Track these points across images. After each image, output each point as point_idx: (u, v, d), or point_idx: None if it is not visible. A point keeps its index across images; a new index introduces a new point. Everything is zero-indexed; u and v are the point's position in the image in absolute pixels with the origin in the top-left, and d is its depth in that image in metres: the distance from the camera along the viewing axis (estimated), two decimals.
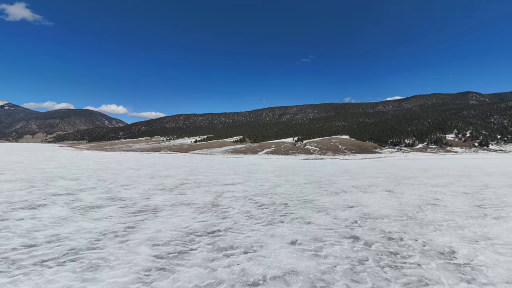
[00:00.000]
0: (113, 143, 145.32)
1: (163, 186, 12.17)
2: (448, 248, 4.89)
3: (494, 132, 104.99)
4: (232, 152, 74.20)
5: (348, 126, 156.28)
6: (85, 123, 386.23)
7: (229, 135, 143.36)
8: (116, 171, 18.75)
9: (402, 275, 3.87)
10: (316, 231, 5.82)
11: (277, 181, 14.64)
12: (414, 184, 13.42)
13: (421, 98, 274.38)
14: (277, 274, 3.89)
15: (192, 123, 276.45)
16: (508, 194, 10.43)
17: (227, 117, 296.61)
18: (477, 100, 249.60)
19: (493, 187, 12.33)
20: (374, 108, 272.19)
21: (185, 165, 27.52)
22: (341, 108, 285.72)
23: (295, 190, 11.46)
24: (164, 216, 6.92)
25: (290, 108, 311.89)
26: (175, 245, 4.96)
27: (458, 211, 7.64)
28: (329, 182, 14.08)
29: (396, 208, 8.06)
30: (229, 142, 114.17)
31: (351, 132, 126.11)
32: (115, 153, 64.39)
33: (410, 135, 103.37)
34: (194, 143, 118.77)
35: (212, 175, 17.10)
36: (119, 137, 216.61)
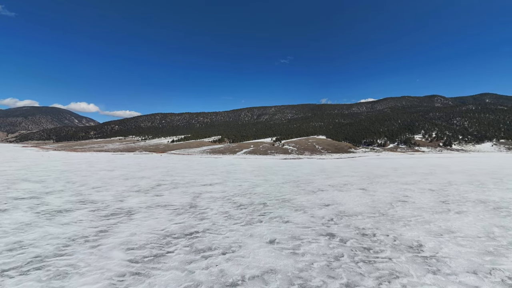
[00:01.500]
0: (83, 143, 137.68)
1: (138, 187, 11.74)
2: (416, 242, 5.19)
3: (457, 133, 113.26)
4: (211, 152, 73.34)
5: (325, 127, 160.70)
6: (52, 121, 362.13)
7: (207, 135, 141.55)
8: (86, 172, 17.78)
9: (375, 269, 4.05)
10: (294, 230, 5.92)
11: (256, 181, 14.69)
12: (386, 182, 14.09)
13: (392, 101, 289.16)
14: (256, 273, 3.91)
15: (169, 122, 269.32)
16: (468, 190, 11.28)
17: (205, 116, 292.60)
18: (442, 103, 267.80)
19: (455, 184, 13.28)
20: (349, 109, 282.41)
21: (162, 165, 26.75)
22: (318, 109, 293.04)
23: (273, 189, 11.57)
24: (139, 219, 6.68)
25: (268, 108, 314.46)
26: (151, 249, 4.80)
27: (425, 207, 8.13)
28: (307, 181, 14.38)
29: (369, 205, 8.41)
30: (207, 142, 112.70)
31: (327, 133, 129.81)
32: (86, 154, 61.06)
33: (382, 135, 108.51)
34: (171, 143, 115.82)
35: (190, 176, 16.78)
36: (90, 136, 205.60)
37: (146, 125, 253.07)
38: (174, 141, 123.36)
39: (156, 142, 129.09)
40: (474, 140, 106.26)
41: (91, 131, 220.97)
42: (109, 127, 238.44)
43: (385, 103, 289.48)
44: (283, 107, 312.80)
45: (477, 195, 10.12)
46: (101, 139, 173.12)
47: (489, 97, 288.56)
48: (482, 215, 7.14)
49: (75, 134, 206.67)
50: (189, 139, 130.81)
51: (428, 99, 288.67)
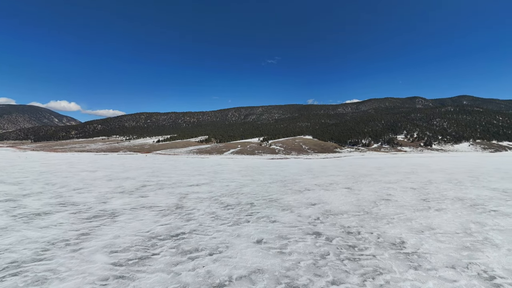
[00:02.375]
0: (64, 143, 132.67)
1: (122, 188, 11.44)
2: (398, 239, 5.35)
3: (436, 133, 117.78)
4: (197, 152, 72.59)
5: (311, 127, 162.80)
6: (29, 120, 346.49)
7: (194, 135, 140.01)
8: (67, 173, 17.14)
9: (360, 267, 4.14)
10: (281, 229, 5.96)
11: (243, 181, 14.68)
12: (370, 181, 14.45)
13: (376, 102, 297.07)
14: (243, 273, 3.90)
15: (154, 122, 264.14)
16: (447, 188, 11.75)
17: (192, 116, 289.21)
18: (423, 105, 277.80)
19: (435, 182, 13.80)
20: (335, 110, 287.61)
21: (147, 166, 26.21)
22: (304, 109, 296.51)
23: (260, 189, 11.59)
24: (123, 221, 6.51)
25: (256, 108, 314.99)
26: (135, 251, 4.69)
27: (407, 205, 8.40)
28: (293, 181, 14.51)
29: (354, 204, 8.60)
30: (194, 142, 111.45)
31: (314, 133, 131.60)
32: (67, 154, 58.88)
33: (367, 135, 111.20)
34: (156, 143, 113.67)
35: (176, 176, 16.54)
36: (71, 136, 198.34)
37: (131, 125, 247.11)
38: (159, 141, 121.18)
39: (141, 142, 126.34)
40: (452, 140, 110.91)
41: (72, 131, 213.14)
42: (91, 126, 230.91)
43: (369, 104, 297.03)
44: (270, 107, 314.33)
45: (455, 193, 10.56)
46: (83, 139, 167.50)
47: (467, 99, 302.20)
48: (460, 212, 7.46)
49: (55, 134, 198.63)
50: (175, 139, 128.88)
51: (410, 100, 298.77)
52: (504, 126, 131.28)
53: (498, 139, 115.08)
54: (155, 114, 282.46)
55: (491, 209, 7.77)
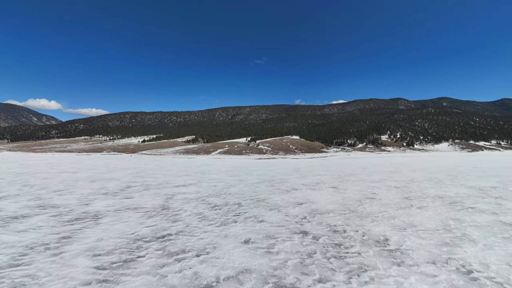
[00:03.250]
0: (43, 143, 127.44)
1: (106, 190, 11.12)
2: (382, 236, 5.49)
3: (418, 134, 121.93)
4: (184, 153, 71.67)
5: (298, 127, 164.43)
6: (6, 119, 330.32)
7: (180, 135, 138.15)
8: (47, 174, 16.47)
9: (346, 264, 4.22)
10: (269, 229, 5.98)
11: (231, 181, 14.62)
12: (355, 180, 14.76)
13: (361, 103, 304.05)
14: (231, 274, 3.89)
15: (139, 121, 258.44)
16: (428, 187, 12.19)
17: (178, 116, 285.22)
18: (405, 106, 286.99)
19: (417, 181, 14.28)
20: (321, 111, 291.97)
21: (132, 166, 25.61)
22: (292, 109, 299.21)
23: (248, 189, 11.59)
24: (107, 223, 6.33)
25: (243, 108, 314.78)
26: (119, 254, 4.57)
27: (391, 203, 8.65)
28: (281, 181, 14.60)
29: (340, 203, 8.76)
30: (180, 142, 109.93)
31: (301, 133, 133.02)
32: (46, 154, 56.60)
33: (352, 136, 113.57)
34: (141, 143, 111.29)
35: (162, 177, 16.25)
36: (52, 136, 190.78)
37: (115, 124, 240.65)
38: (145, 141, 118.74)
39: (125, 142, 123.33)
40: (433, 140, 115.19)
41: (52, 130, 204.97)
42: (73, 126, 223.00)
43: (355, 104, 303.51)
44: (258, 107, 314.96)
45: (435, 191, 10.96)
46: (64, 139, 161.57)
47: (446, 101, 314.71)
48: (440, 210, 7.75)
49: (33, 134, 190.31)
50: (161, 139, 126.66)
51: (393, 101, 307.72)
52: (481, 127, 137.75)
53: (475, 139, 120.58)
54: (141, 113, 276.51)
55: (469, 206, 8.12)
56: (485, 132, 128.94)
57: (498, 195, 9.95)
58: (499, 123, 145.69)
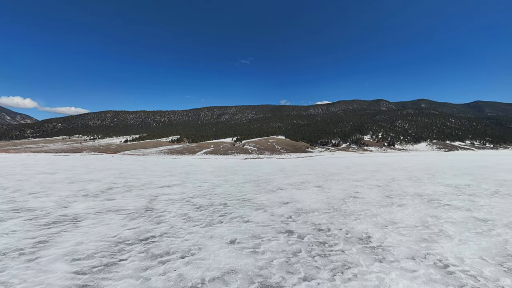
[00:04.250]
0: (17, 143, 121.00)
1: (86, 191, 10.72)
2: (365, 234, 5.64)
3: (399, 134, 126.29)
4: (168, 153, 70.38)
5: (284, 127, 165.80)
6: None
7: (165, 135, 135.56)
8: (22, 176, 15.66)
9: (330, 262, 4.30)
10: (254, 229, 5.99)
11: (216, 181, 14.52)
12: (339, 179, 15.07)
13: (345, 103, 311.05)
14: (216, 275, 3.86)
15: (121, 121, 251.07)
16: (408, 185, 12.64)
17: (162, 115, 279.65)
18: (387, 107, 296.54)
19: (398, 180, 14.78)
20: (306, 111, 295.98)
21: (114, 167, 24.84)
22: (277, 109, 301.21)
23: (234, 189, 11.55)
24: (87, 226, 6.10)
25: (229, 108, 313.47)
26: (100, 257, 4.42)
27: (373, 202, 8.90)
28: (266, 181, 14.66)
29: (325, 202, 8.91)
30: (165, 142, 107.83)
31: (286, 133, 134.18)
32: (21, 155, 53.80)
33: (336, 136, 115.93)
34: (124, 143, 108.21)
35: (146, 178, 15.88)
36: (27, 136, 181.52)
37: (96, 124, 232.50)
38: (127, 141, 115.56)
39: (107, 142, 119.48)
40: (412, 140, 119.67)
41: (27, 130, 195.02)
42: (50, 125, 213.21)
43: (339, 105, 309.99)
44: (243, 107, 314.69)
45: (414, 189, 11.39)
46: (41, 139, 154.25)
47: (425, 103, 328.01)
48: (419, 207, 8.06)
49: (6, 133, 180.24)
50: (144, 139, 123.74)
51: (375, 103, 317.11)
52: (456, 128, 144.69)
53: (451, 140, 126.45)
54: (123, 112, 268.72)
55: (445, 204, 8.50)
56: (460, 132, 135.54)
57: (472, 192, 10.48)
58: (472, 124, 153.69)
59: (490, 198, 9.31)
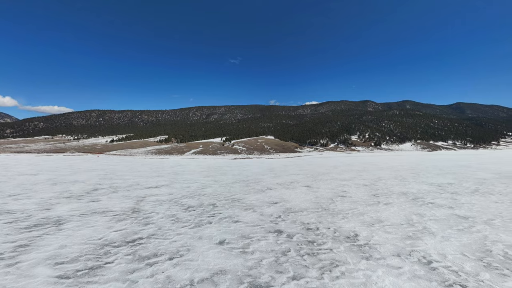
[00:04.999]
0: None
1: (70, 193, 10.39)
2: (352, 232, 5.74)
3: (385, 134, 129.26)
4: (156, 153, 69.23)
5: (273, 127, 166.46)
6: None
7: (152, 135, 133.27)
8: (1, 177, 15.01)
9: (318, 261, 4.35)
10: (244, 229, 5.98)
11: (205, 181, 14.40)
12: (327, 179, 15.27)
13: (333, 104, 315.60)
14: (205, 276, 3.83)
15: (107, 120, 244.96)
16: (394, 184, 12.96)
17: (150, 115, 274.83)
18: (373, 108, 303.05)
19: (384, 179, 15.13)
20: (295, 111, 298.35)
21: (99, 168, 24.21)
22: (266, 110, 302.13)
23: (223, 190, 11.50)
24: (71, 228, 5.92)
25: (218, 108, 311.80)
26: (85, 261, 4.29)
27: (360, 201, 9.07)
28: (256, 181, 14.68)
29: (313, 201, 9.01)
30: (152, 142, 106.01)
31: (275, 133, 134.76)
32: (0, 156, 51.56)
33: (324, 136, 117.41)
34: (110, 143, 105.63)
35: (133, 178, 15.56)
36: (6, 135, 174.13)
37: (80, 123, 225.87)
38: (114, 141, 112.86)
39: (92, 142, 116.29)
40: (398, 140, 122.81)
41: (7, 129, 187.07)
42: (31, 124, 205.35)
43: (327, 106, 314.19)
44: (233, 107, 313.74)
45: (400, 188, 11.69)
46: (21, 139, 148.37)
47: (410, 104, 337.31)
48: (404, 205, 8.28)
49: None
50: (131, 139, 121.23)
51: (362, 103, 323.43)
52: (439, 128, 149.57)
53: (434, 140, 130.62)
54: (109, 111, 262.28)
55: (429, 202, 8.77)
56: (442, 133, 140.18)
57: (454, 190, 10.86)
58: (454, 125, 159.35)
59: (470, 196, 9.68)
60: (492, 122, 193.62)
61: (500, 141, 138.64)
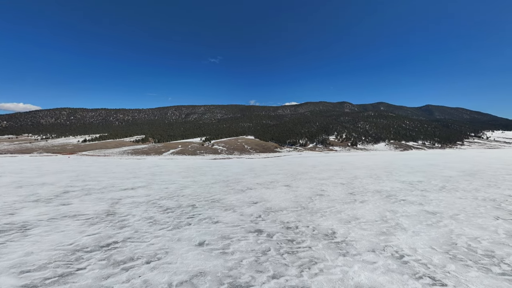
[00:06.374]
0: None
1: (37, 196, 9.74)
2: (330, 230, 5.90)
3: (361, 134, 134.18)
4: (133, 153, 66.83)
5: (253, 127, 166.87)
6: None
7: (128, 134, 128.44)
8: None
9: (298, 259, 4.43)
10: (224, 229, 5.94)
11: (184, 182, 14.12)
12: (306, 178, 15.57)
13: (312, 105, 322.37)
14: (184, 279, 3.75)
15: (79, 119, 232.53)
16: (369, 182, 13.48)
17: (126, 113, 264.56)
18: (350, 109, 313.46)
19: (360, 177, 15.69)
20: (275, 112, 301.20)
21: (70, 169, 22.92)
22: (247, 110, 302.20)
23: (202, 190, 11.34)
24: (38, 234, 5.55)
25: (198, 107, 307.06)
26: (54, 268, 4.04)
27: (337, 199, 9.33)
28: (236, 181, 14.63)
29: (293, 200, 9.14)
30: (128, 142, 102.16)
31: (255, 133, 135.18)
32: None
33: (304, 136, 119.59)
34: (82, 143, 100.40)
35: (107, 180, 14.90)
36: None
37: (49, 122, 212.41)
38: (86, 141, 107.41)
39: (62, 141, 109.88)
40: (373, 140, 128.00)
41: None
42: None
43: (306, 106, 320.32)
44: (212, 107, 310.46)
45: (374, 186, 12.19)
46: None
47: (384, 106, 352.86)
48: (378, 203, 8.64)
49: None
50: (105, 139, 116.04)
51: (340, 105, 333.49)
52: (410, 129, 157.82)
53: (406, 140, 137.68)
54: (81, 110, 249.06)
55: (401, 199, 9.22)
56: (413, 133, 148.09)
57: (423, 188, 11.50)
58: (424, 126, 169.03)
59: (438, 192, 10.30)
60: (457, 124, 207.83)
61: (464, 141, 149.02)
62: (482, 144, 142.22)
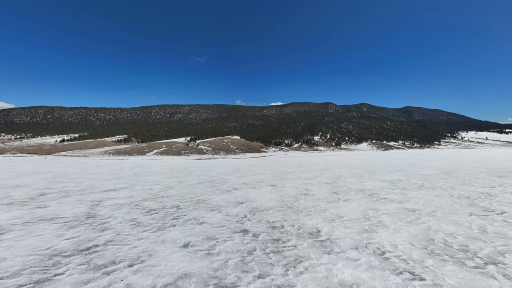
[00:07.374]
0: None
1: (10, 199, 9.24)
2: (315, 229, 5.99)
3: (344, 135, 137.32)
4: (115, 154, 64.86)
5: (239, 127, 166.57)
6: None
7: (110, 134, 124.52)
8: None
9: (283, 258, 4.46)
10: (209, 230, 5.88)
11: (168, 183, 13.87)
12: (292, 178, 15.72)
13: (297, 105, 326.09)
14: (169, 281, 3.68)
15: (57, 118, 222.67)
16: (352, 182, 13.80)
17: (107, 112, 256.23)
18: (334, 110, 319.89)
19: (344, 177, 16.04)
20: (261, 112, 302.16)
21: (47, 170, 21.91)
22: (232, 109, 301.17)
23: (187, 191, 11.18)
24: (12, 239, 5.26)
25: (182, 107, 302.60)
26: (30, 274, 3.85)
27: (322, 198, 9.49)
28: (222, 181, 14.54)
29: (278, 200, 9.20)
30: (110, 142, 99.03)
31: (241, 133, 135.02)
32: None
33: (289, 136, 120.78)
34: (60, 143, 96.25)
35: (87, 181, 14.36)
36: None
37: (24, 121, 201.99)
38: (65, 141, 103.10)
39: (38, 141, 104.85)
40: (356, 140, 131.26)
41: None
42: None
43: (291, 107, 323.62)
44: (198, 106, 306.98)
45: (357, 185, 12.49)
46: None
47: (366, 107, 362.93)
48: (361, 201, 8.87)
49: None
50: (86, 138, 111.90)
51: (324, 105, 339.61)
52: (391, 130, 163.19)
53: (387, 140, 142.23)
54: (58, 108, 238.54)
55: (383, 197, 9.51)
56: (394, 134, 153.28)
57: (403, 186, 11.92)
58: (404, 126, 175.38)
59: (417, 191, 10.71)
60: (434, 125, 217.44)
61: (441, 141, 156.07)
62: (457, 144, 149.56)
